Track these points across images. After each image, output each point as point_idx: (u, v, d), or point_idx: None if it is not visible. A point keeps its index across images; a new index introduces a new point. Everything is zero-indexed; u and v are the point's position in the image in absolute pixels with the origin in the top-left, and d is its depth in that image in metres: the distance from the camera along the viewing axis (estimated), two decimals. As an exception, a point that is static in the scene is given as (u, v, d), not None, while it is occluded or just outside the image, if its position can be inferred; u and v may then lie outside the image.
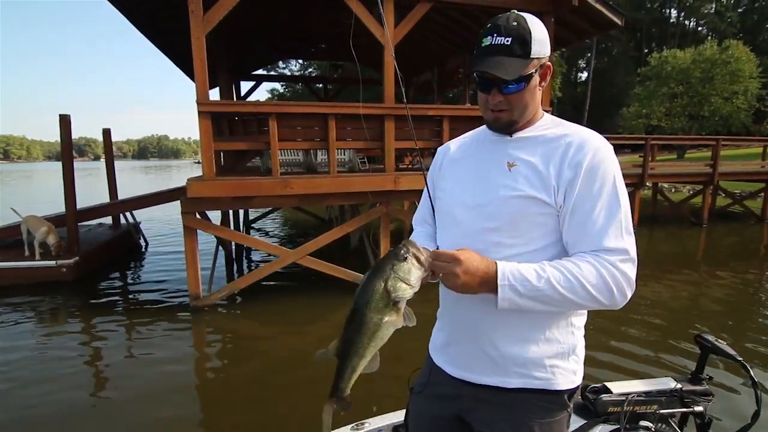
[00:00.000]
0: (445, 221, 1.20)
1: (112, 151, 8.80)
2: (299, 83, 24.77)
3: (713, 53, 24.70)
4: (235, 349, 4.48)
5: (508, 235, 1.04)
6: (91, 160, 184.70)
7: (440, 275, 0.97)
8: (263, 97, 45.40)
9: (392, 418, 1.84)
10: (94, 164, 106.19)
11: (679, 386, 1.75)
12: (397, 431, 1.76)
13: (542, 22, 1.05)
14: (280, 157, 5.73)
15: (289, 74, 30.85)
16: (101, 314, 5.13)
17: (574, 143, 1.03)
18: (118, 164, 9.70)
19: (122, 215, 8.59)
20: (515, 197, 1.04)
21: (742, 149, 20.12)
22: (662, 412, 1.71)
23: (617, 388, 1.73)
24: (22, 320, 4.98)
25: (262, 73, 11.97)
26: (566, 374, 1.10)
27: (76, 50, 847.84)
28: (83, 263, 6.42)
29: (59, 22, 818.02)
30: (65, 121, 6.38)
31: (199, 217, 5.41)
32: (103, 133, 8.49)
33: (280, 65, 33.00)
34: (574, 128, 1.08)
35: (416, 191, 5.61)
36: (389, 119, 5.47)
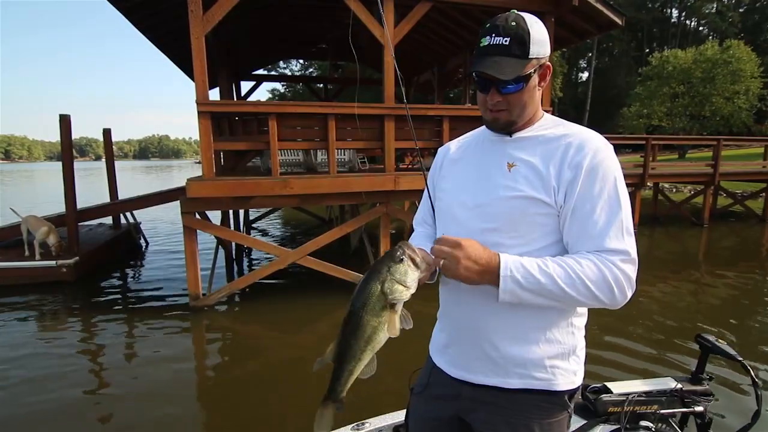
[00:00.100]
0: (445, 221, 1.20)
1: (112, 151, 8.82)
2: (300, 83, 24.75)
3: (714, 53, 24.69)
4: (234, 348, 4.47)
5: (508, 235, 1.04)
6: (92, 160, 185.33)
7: (441, 263, 0.97)
8: (264, 97, 45.47)
9: (392, 418, 1.84)
10: (95, 164, 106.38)
11: (679, 386, 1.75)
12: (397, 431, 1.76)
13: (542, 22, 1.05)
14: (280, 157, 5.73)
15: (289, 74, 30.90)
16: (101, 314, 5.13)
17: (574, 143, 1.02)
18: (119, 164, 9.70)
19: (122, 215, 8.60)
20: (515, 197, 1.04)
21: (743, 149, 20.10)
22: (663, 412, 1.71)
23: (617, 388, 1.73)
24: (22, 320, 4.98)
25: (262, 73, 11.96)
26: (566, 375, 1.09)
27: (76, 50, 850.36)
28: (83, 263, 6.43)
29: (60, 22, 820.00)
30: (65, 121, 6.39)
31: (198, 217, 5.41)
32: (103, 133, 8.49)
33: (280, 65, 33.09)
34: (574, 128, 1.07)
35: (416, 191, 5.60)
36: (389, 119, 5.46)
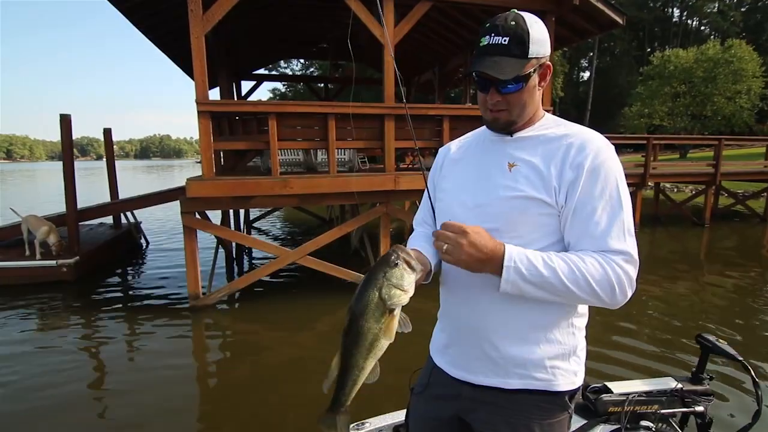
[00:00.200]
0: (445, 221, 1.19)
1: (112, 150, 8.82)
2: (300, 83, 24.75)
3: (716, 52, 24.63)
4: (234, 348, 4.47)
5: (508, 235, 1.03)
6: (93, 159, 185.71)
7: (444, 248, 0.97)
8: (265, 96, 45.51)
9: (393, 418, 1.84)
10: (96, 164, 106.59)
11: (679, 386, 1.75)
12: (397, 431, 1.76)
13: (543, 21, 1.05)
14: (280, 156, 5.72)
15: (290, 74, 30.92)
16: (101, 313, 5.14)
17: (575, 144, 1.02)
18: (120, 164, 9.70)
19: (123, 215, 8.60)
20: (516, 197, 1.03)
21: (745, 149, 20.06)
22: (663, 412, 1.71)
23: (618, 387, 1.73)
24: (22, 319, 4.98)
25: (262, 72, 11.96)
26: (567, 375, 1.09)
27: (76, 50, 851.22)
28: (84, 263, 6.43)
29: (60, 22, 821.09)
30: (65, 120, 6.39)
31: (198, 216, 5.41)
32: (104, 132, 8.50)
33: (281, 64, 33.12)
34: (575, 128, 1.07)
35: (416, 191, 5.59)
36: (389, 119, 5.45)
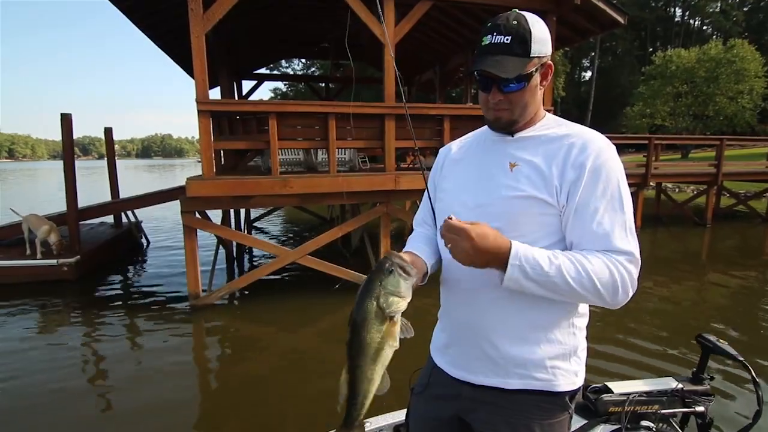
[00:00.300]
0: None
1: (113, 149, 8.84)
2: (302, 82, 24.75)
3: (718, 52, 24.57)
4: (234, 347, 4.47)
5: (509, 235, 1.02)
6: (95, 158, 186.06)
7: (448, 246, 0.96)
8: (266, 96, 45.49)
9: (393, 417, 1.83)
10: (98, 163, 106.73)
11: (680, 386, 1.75)
12: (397, 431, 1.75)
13: (544, 20, 1.05)
14: (280, 156, 5.72)
15: (291, 73, 30.91)
16: (102, 313, 5.14)
17: (577, 144, 1.02)
18: (122, 163, 9.72)
19: (124, 214, 8.61)
20: (517, 197, 1.03)
21: (746, 149, 20.01)
22: (663, 412, 1.71)
23: (618, 387, 1.74)
24: (23, 318, 4.99)
25: (263, 72, 11.96)
26: (567, 375, 1.09)
27: (76, 50, 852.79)
28: (84, 262, 6.43)
29: (60, 22, 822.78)
30: (66, 120, 6.39)
31: (199, 216, 5.40)
32: (104, 131, 8.52)
33: (283, 64, 33.12)
34: (576, 128, 1.07)
35: (417, 191, 5.58)
36: (389, 118, 5.44)
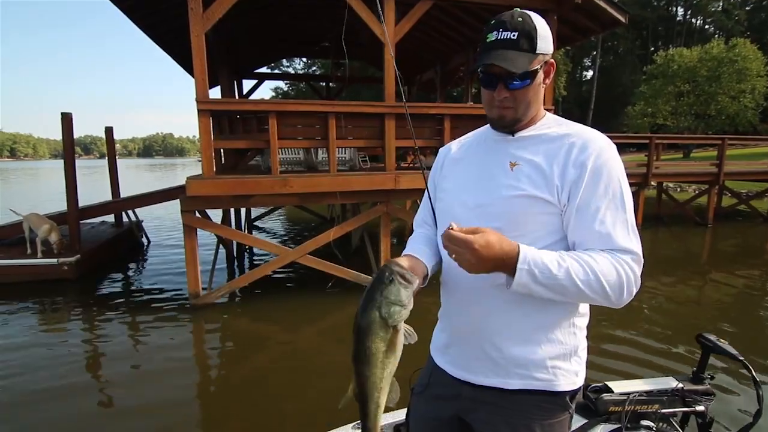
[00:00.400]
0: (445, 221, 1.18)
1: (114, 149, 8.84)
2: (302, 82, 24.75)
3: (720, 51, 24.52)
4: (234, 346, 4.47)
5: (510, 234, 1.02)
6: (96, 158, 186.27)
7: (452, 257, 0.95)
8: (268, 95, 45.43)
9: (393, 417, 1.82)
10: (99, 162, 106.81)
11: (680, 386, 1.75)
12: (398, 431, 1.75)
13: (545, 19, 1.05)
14: (280, 155, 5.72)
15: (292, 72, 30.93)
16: (102, 312, 5.14)
17: (577, 143, 1.02)
18: (123, 162, 9.73)
19: (125, 213, 8.61)
20: (518, 196, 1.03)
21: (748, 149, 19.99)
22: (664, 411, 1.71)
23: (619, 387, 1.74)
24: (24, 317, 4.99)
25: (264, 71, 11.96)
26: (568, 375, 1.08)
27: (76, 50, 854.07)
28: (85, 261, 6.44)
29: (60, 22, 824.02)
30: (67, 119, 6.40)
31: (199, 215, 5.40)
32: (105, 131, 8.52)
33: (284, 63, 33.12)
34: (576, 128, 1.07)
35: (417, 190, 5.58)
36: (389, 118, 5.43)
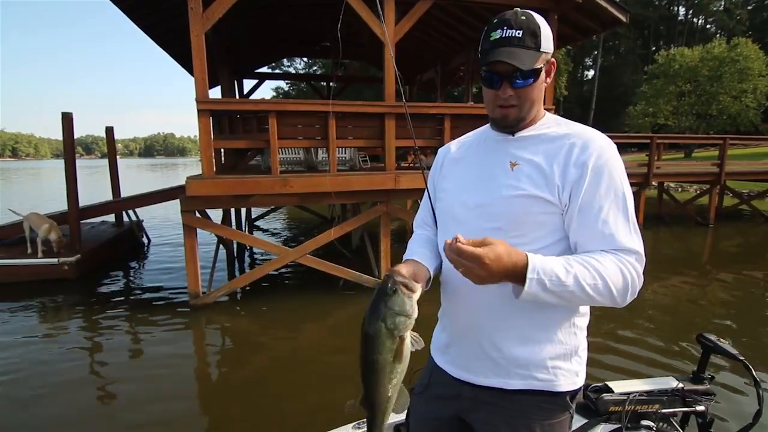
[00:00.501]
0: (445, 222, 1.19)
1: (114, 148, 8.85)
2: (303, 81, 24.75)
3: (722, 51, 24.48)
4: (234, 346, 4.48)
5: (511, 234, 1.02)
6: (98, 157, 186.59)
7: (459, 270, 0.92)
8: (268, 95, 45.53)
9: (393, 417, 1.82)
10: (100, 162, 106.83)
11: (680, 386, 1.75)
12: (398, 430, 1.75)
13: (546, 19, 1.05)
14: (281, 155, 5.71)
15: (293, 72, 30.92)
16: (102, 312, 5.15)
17: (578, 143, 1.02)
18: (124, 162, 9.73)
19: (125, 213, 8.62)
20: (518, 197, 1.03)
21: (750, 148, 19.93)
22: (664, 411, 1.71)
23: (619, 387, 1.74)
24: (24, 317, 5.00)
25: (264, 71, 11.95)
26: (568, 375, 1.08)
27: (76, 50, 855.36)
28: (85, 261, 6.44)
29: (60, 22, 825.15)
30: (67, 118, 6.40)
31: (199, 215, 5.40)
32: (106, 131, 8.53)
33: (284, 63, 33.13)
34: (576, 127, 1.07)
35: (417, 190, 5.57)
36: (390, 117, 5.43)
